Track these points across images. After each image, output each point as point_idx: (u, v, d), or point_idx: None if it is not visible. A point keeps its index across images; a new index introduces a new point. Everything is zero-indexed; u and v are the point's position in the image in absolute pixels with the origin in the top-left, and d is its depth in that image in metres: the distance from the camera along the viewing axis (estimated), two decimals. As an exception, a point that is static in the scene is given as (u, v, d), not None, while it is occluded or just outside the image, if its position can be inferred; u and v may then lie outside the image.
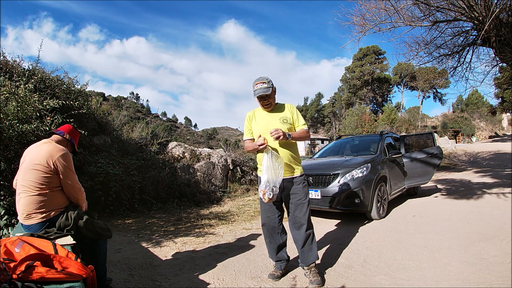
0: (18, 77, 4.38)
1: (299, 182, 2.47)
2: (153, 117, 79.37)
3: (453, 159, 14.19)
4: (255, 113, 2.60)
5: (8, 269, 1.44)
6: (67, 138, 2.27)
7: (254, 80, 2.47)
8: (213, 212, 5.54)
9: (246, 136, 2.61)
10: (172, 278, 2.59)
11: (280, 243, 2.56)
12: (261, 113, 2.57)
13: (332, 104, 47.14)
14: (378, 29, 6.20)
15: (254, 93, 2.44)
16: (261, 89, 2.40)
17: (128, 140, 7.37)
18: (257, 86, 2.42)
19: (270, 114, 2.53)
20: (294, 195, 2.45)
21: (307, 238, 2.43)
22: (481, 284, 2.19)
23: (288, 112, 2.53)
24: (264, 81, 2.43)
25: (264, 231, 2.59)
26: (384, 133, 5.73)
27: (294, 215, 2.46)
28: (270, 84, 2.44)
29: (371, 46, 40.49)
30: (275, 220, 2.51)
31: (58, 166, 1.99)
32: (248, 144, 2.54)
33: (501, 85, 13.90)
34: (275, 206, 2.51)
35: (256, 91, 2.42)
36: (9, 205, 3.22)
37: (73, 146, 2.36)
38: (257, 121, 2.54)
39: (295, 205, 2.44)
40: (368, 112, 26.32)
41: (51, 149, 2.01)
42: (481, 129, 39.27)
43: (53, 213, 2.01)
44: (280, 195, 2.45)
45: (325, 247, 3.27)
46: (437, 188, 7.00)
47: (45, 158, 1.97)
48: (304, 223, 2.42)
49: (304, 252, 2.43)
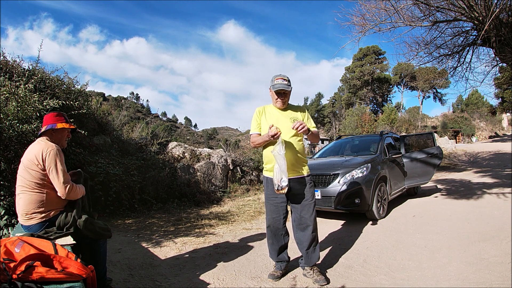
0: (18, 77, 4.38)
1: (306, 182, 2.45)
2: (153, 117, 79.36)
3: (453, 159, 14.19)
4: (265, 109, 2.57)
5: (8, 269, 1.44)
6: (51, 129, 2.12)
7: (274, 75, 2.48)
8: (213, 212, 5.54)
9: (253, 130, 2.55)
10: (172, 278, 2.59)
11: (282, 245, 2.55)
12: (272, 110, 2.55)
13: (332, 104, 47.11)
14: (378, 29, 6.20)
15: (273, 87, 2.43)
16: (282, 85, 2.41)
17: (128, 140, 7.37)
18: (278, 81, 2.42)
19: (282, 112, 2.52)
20: (301, 196, 2.43)
21: (313, 240, 2.43)
22: (481, 284, 2.19)
23: (300, 114, 2.53)
24: (285, 78, 2.44)
25: (268, 232, 2.57)
26: (384, 133, 5.73)
27: (300, 216, 2.43)
28: (290, 83, 2.45)
29: (371, 46, 40.47)
30: (280, 221, 2.49)
31: (45, 162, 1.96)
32: (256, 138, 2.50)
33: (501, 85, 13.89)
34: (281, 207, 2.48)
35: (276, 85, 2.41)
36: (9, 205, 3.22)
37: (62, 131, 2.16)
38: (267, 117, 2.51)
39: (302, 206, 2.42)
40: (368, 112, 26.28)
41: (41, 147, 1.99)
42: (481, 129, 39.25)
43: (52, 213, 2.01)
44: (286, 195, 2.42)
45: (325, 247, 3.27)
46: (437, 188, 7.00)
47: (36, 157, 1.96)
48: (310, 225, 2.41)
49: (308, 254, 2.43)
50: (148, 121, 23.41)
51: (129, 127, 10.20)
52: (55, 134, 2.14)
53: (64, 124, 2.15)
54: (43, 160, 1.96)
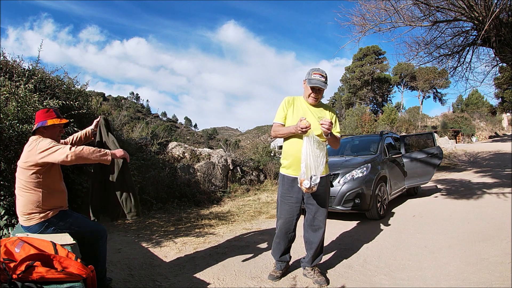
0: (18, 77, 4.37)
1: (323, 183, 2.36)
2: (153, 117, 79.36)
3: (453, 159, 14.18)
4: (295, 101, 2.45)
5: (8, 269, 1.44)
6: (42, 127, 2.07)
7: (312, 69, 2.36)
8: (213, 212, 5.54)
9: (278, 119, 2.43)
10: (172, 278, 2.59)
11: (287, 246, 2.52)
12: (302, 103, 2.44)
13: (332, 104, 47.03)
14: (378, 29, 6.20)
15: (308, 81, 2.32)
16: (320, 81, 2.30)
17: (128, 140, 7.37)
18: (315, 76, 2.31)
19: (311, 108, 2.42)
20: (317, 197, 2.36)
21: (322, 242, 2.44)
22: (481, 284, 2.19)
23: (328, 115, 2.42)
24: (324, 74, 2.33)
25: (277, 231, 2.49)
26: (384, 133, 5.73)
27: (314, 217, 2.40)
28: (327, 80, 2.35)
29: (371, 46, 40.42)
30: (292, 222, 2.41)
31: (40, 156, 1.91)
32: (279, 128, 2.39)
33: (501, 85, 13.90)
34: (296, 207, 2.38)
35: (312, 80, 2.30)
36: (9, 205, 3.22)
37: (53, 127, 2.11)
38: (294, 110, 2.41)
39: (317, 207, 2.39)
40: (368, 112, 26.24)
41: (33, 145, 1.97)
42: (481, 129, 39.21)
43: (51, 213, 2.01)
44: (301, 195, 2.36)
45: (326, 247, 3.26)
46: (437, 188, 7.00)
47: (28, 155, 1.94)
48: (322, 227, 2.40)
49: (315, 254, 2.43)
50: (148, 121, 23.39)
51: (129, 127, 10.17)
52: (46, 131, 2.09)
53: (55, 120, 2.09)
54: (37, 156, 1.91)
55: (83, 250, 2.07)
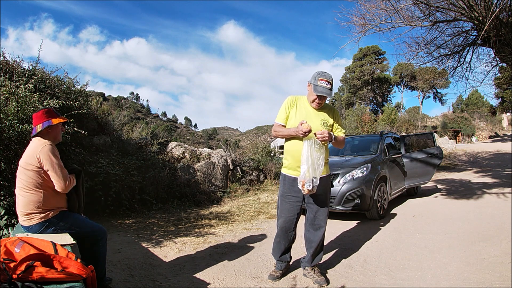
0: (18, 77, 4.37)
1: (324, 183, 2.38)
2: (153, 117, 79.39)
3: (453, 159, 14.18)
4: (298, 101, 2.41)
5: (8, 269, 1.44)
6: (48, 126, 2.09)
7: (319, 73, 2.27)
8: (213, 212, 5.54)
9: (279, 119, 2.41)
10: (172, 278, 2.59)
11: (288, 245, 2.52)
12: (305, 105, 2.41)
13: (332, 104, 47.12)
14: (378, 29, 6.20)
15: (314, 88, 2.26)
16: (326, 90, 2.23)
17: (128, 140, 7.37)
18: (322, 83, 2.23)
19: (314, 111, 2.39)
20: (318, 196, 2.37)
21: (322, 241, 2.44)
22: (481, 284, 2.19)
23: (330, 116, 2.42)
24: (330, 81, 2.25)
25: (278, 231, 2.50)
26: (384, 133, 5.74)
27: (315, 216, 2.41)
28: (332, 86, 2.29)
29: (371, 46, 40.42)
30: (292, 221, 2.43)
31: (41, 160, 1.94)
32: (280, 129, 2.38)
33: (501, 85, 13.90)
34: (296, 206, 2.40)
35: (318, 87, 2.24)
36: (9, 205, 3.22)
37: (57, 126, 2.15)
38: (297, 112, 2.38)
39: (318, 207, 2.40)
40: (368, 112, 26.23)
41: (35, 147, 1.99)
42: (481, 129, 39.21)
43: (51, 213, 2.01)
44: (302, 195, 2.36)
45: (326, 247, 3.26)
46: (437, 188, 7.00)
47: (30, 157, 1.95)
48: (323, 226, 2.42)
49: (315, 254, 2.44)
50: (148, 121, 23.41)
51: (129, 127, 10.17)
52: (52, 130, 2.12)
53: (59, 119, 2.14)
54: (38, 159, 1.94)
55: (83, 250, 2.07)
